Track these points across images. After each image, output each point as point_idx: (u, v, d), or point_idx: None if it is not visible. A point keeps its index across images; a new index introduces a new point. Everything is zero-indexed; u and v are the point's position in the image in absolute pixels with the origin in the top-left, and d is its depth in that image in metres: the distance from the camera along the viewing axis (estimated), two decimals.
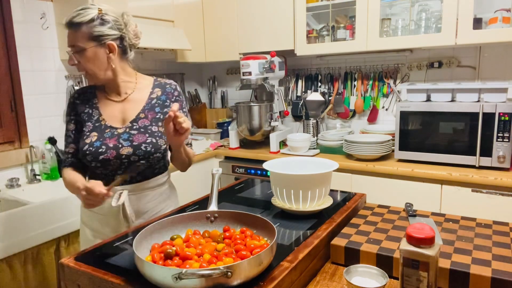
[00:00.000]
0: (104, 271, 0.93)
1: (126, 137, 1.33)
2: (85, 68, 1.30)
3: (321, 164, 1.35)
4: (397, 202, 2.06)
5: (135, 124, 1.36)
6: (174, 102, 1.42)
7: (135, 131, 1.34)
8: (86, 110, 1.38)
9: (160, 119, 1.38)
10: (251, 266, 0.82)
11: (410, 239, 0.82)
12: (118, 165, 1.33)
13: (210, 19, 2.96)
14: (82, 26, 1.25)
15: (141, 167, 1.36)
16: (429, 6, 2.31)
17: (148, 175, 1.39)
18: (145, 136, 1.34)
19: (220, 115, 3.39)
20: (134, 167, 1.34)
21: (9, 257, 1.70)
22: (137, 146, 1.32)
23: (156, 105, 1.40)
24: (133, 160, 1.32)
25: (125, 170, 1.34)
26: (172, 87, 1.45)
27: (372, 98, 2.74)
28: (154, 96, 1.42)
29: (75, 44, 1.26)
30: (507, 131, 1.91)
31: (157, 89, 1.44)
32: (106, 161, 1.31)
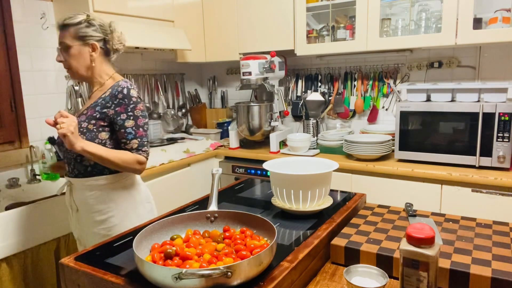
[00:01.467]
0: (104, 271, 0.93)
1: None
2: (69, 65, 1.44)
3: (321, 164, 1.35)
4: (397, 202, 2.06)
5: (79, 119, 1.45)
6: (116, 105, 1.41)
7: (79, 124, 1.44)
8: None
9: (95, 117, 1.42)
10: (251, 266, 0.82)
11: (410, 239, 0.82)
12: (64, 152, 1.49)
13: (210, 19, 2.96)
14: (70, 27, 1.42)
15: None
16: (429, 6, 2.31)
17: (83, 172, 1.46)
18: (80, 131, 1.42)
19: (220, 115, 3.39)
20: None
21: (9, 257, 1.70)
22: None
23: (99, 104, 1.44)
24: (68, 151, 1.44)
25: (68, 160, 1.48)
26: (118, 89, 1.42)
27: (372, 98, 2.74)
28: (103, 96, 1.45)
29: (63, 41, 1.42)
30: (507, 131, 1.91)
31: (109, 90, 1.45)
32: (59, 145, 1.52)
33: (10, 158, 2.18)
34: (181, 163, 2.51)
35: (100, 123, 1.42)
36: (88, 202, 1.47)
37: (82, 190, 1.47)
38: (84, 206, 1.48)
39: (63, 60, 1.45)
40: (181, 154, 2.57)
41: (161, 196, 2.39)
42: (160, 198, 2.38)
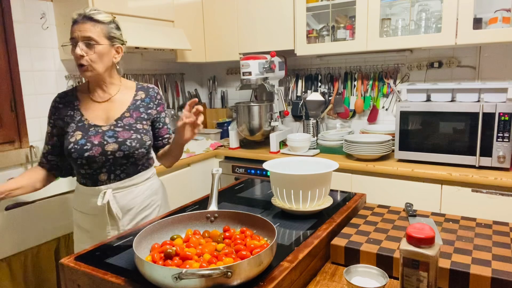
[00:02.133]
0: (104, 271, 0.93)
1: (111, 134, 1.40)
2: (89, 61, 1.35)
3: (321, 164, 1.35)
4: (397, 202, 2.06)
5: (119, 122, 1.43)
6: (157, 105, 1.53)
7: (119, 128, 1.42)
8: (68, 113, 1.44)
9: (144, 118, 1.48)
10: (251, 266, 0.82)
11: (410, 239, 0.82)
12: (103, 162, 1.39)
13: (210, 19, 2.96)
14: (101, 24, 1.36)
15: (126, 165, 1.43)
16: (429, 6, 2.31)
17: (131, 172, 1.45)
18: (129, 133, 1.42)
19: (220, 115, 3.39)
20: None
21: (9, 257, 1.70)
22: (122, 142, 1.39)
23: (140, 106, 1.49)
24: (118, 156, 1.39)
25: (110, 167, 1.40)
26: (155, 91, 1.54)
27: (372, 98, 2.74)
28: (138, 98, 1.50)
29: (91, 36, 1.34)
30: (507, 131, 1.91)
31: (141, 92, 1.52)
32: (91, 158, 1.37)
33: (10, 158, 2.18)
34: (181, 163, 2.51)
35: (148, 123, 1.49)
36: (136, 201, 1.46)
37: (128, 192, 1.44)
38: (129, 208, 1.45)
39: (84, 55, 1.34)
40: None
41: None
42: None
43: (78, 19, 1.34)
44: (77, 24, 1.34)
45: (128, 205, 1.44)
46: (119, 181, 1.42)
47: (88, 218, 1.45)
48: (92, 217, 1.44)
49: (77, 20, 1.34)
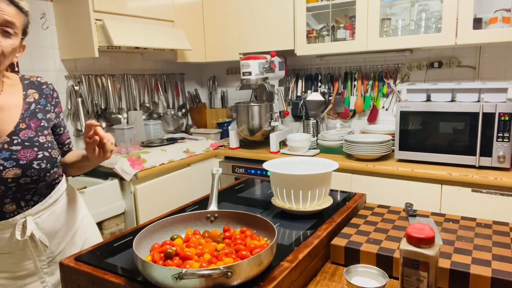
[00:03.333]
0: (104, 271, 0.93)
1: (7, 155, 1.06)
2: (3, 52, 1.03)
3: (321, 164, 1.35)
4: (397, 202, 2.06)
5: (15, 138, 1.09)
6: (54, 106, 1.24)
7: (17, 146, 1.08)
8: None
9: (45, 127, 1.17)
10: (251, 266, 0.82)
11: (410, 239, 0.82)
12: (2, 192, 1.07)
13: (210, 19, 2.96)
14: (23, 14, 1.09)
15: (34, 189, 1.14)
16: (429, 6, 2.31)
17: (46, 192, 1.18)
18: (33, 151, 1.10)
19: (220, 115, 3.39)
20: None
21: None
22: (26, 165, 1.08)
23: (37, 111, 1.17)
24: (23, 183, 1.09)
25: (15, 195, 1.10)
26: (50, 88, 1.24)
27: (372, 98, 2.74)
28: (31, 100, 1.17)
29: (14, 23, 1.04)
30: (507, 131, 1.91)
31: (32, 91, 1.19)
32: None
33: None
34: (181, 163, 2.51)
35: (49, 131, 1.19)
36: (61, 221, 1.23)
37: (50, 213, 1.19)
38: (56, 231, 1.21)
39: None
40: (181, 154, 2.57)
41: (161, 196, 2.40)
42: (160, 198, 2.39)
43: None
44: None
45: (54, 228, 1.19)
46: (35, 205, 1.14)
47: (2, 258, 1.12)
48: (6, 256, 1.12)
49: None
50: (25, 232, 1.11)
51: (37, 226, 1.14)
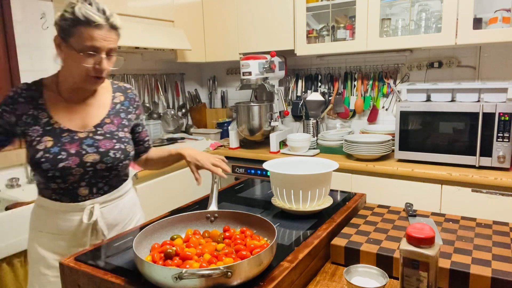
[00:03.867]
0: (104, 271, 0.93)
1: (91, 142, 1.22)
2: (107, 72, 1.19)
3: (321, 164, 1.35)
4: (397, 202, 2.06)
5: (99, 129, 1.26)
6: (136, 108, 1.39)
7: (100, 136, 1.25)
8: (30, 112, 1.20)
9: (125, 125, 1.33)
10: (251, 266, 0.82)
11: (410, 239, 0.82)
12: (81, 174, 1.20)
13: (210, 19, 2.96)
14: (118, 30, 1.18)
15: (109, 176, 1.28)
16: (429, 6, 2.31)
17: (115, 184, 1.31)
18: (112, 142, 1.26)
19: (220, 115, 3.39)
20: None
21: (9, 257, 1.70)
22: (104, 152, 1.23)
23: (121, 111, 1.34)
24: (99, 169, 1.23)
25: (90, 180, 1.23)
26: (133, 93, 1.41)
27: (372, 98, 2.74)
28: (117, 101, 1.34)
29: (114, 48, 1.17)
30: (507, 131, 1.91)
31: (118, 94, 1.36)
32: (66, 169, 1.18)
33: (10, 158, 2.18)
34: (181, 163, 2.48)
35: (129, 130, 1.35)
36: (122, 216, 1.33)
37: (113, 206, 1.30)
38: (115, 224, 1.31)
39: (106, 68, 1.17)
40: None
41: (161, 196, 2.40)
42: (160, 198, 2.39)
43: (102, 25, 1.12)
44: (101, 30, 1.12)
45: (115, 221, 1.30)
46: (104, 195, 1.27)
47: (60, 241, 1.25)
48: (68, 238, 1.24)
49: (100, 25, 1.11)
50: (91, 218, 1.23)
51: (101, 215, 1.26)
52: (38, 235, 1.27)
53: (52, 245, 1.25)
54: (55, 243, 1.25)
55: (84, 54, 1.12)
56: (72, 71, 1.18)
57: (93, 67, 1.15)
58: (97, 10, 1.12)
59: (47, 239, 1.25)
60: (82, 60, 1.13)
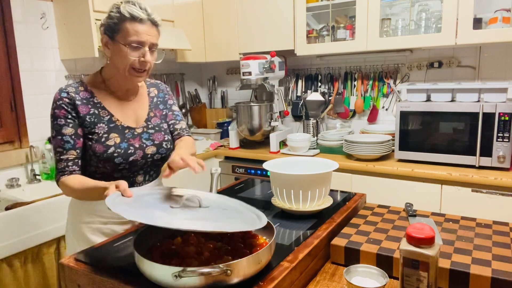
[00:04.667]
0: (104, 271, 0.93)
1: (147, 136, 1.36)
2: (150, 66, 1.27)
3: (321, 164, 1.35)
4: (397, 202, 2.06)
5: (149, 123, 1.38)
6: (169, 98, 1.51)
7: (152, 130, 1.38)
8: (91, 111, 1.28)
9: (165, 115, 1.46)
10: (250, 264, 0.82)
11: (410, 239, 0.82)
12: (142, 165, 1.35)
13: (210, 19, 2.96)
14: (158, 27, 1.30)
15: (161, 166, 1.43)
16: (429, 6, 2.31)
17: (159, 171, 1.46)
18: (162, 135, 1.39)
19: (220, 115, 3.39)
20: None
21: (9, 257, 1.70)
22: (159, 144, 1.37)
23: (158, 103, 1.46)
24: (156, 159, 1.37)
25: (146, 169, 1.37)
26: (163, 85, 1.53)
27: (372, 98, 2.74)
28: (153, 95, 1.46)
29: (156, 43, 1.28)
30: (507, 131, 1.91)
31: (152, 88, 1.47)
32: (134, 162, 1.31)
33: (10, 158, 2.18)
34: None
35: (166, 119, 1.46)
36: None
37: None
38: None
39: (150, 61, 1.26)
40: None
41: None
42: None
43: (145, 20, 1.24)
44: (143, 24, 1.23)
45: None
46: (152, 181, 1.41)
47: (111, 225, 1.31)
48: (119, 222, 1.31)
49: (143, 21, 1.23)
50: None
51: None
52: (88, 222, 1.31)
53: (105, 230, 1.31)
54: (108, 228, 1.31)
55: (130, 48, 1.22)
56: (118, 67, 1.26)
57: (138, 60, 1.24)
58: (140, 8, 1.24)
59: (100, 224, 1.31)
60: (128, 53, 1.22)
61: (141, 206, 0.94)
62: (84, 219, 1.32)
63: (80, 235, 1.33)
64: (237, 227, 0.87)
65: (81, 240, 1.32)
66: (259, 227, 0.89)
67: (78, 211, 1.34)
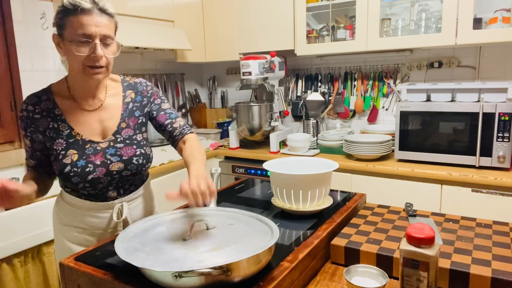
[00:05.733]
0: (104, 271, 0.93)
1: (113, 151, 1.23)
2: (107, 62, 1.14)
3: (321, 164, 1.35)
4: (397, 202, 2.06)
5: (118, 136, 1.25)
6: (149, 96, 1.33)
7: (120, 144, 1.24)
8: (50, 125, 1.19)
9: (143, 123, 1.31)
10: (250, 264, 0.82)
11: (410, 239, 0.82)
12: (109, 181, 1.24)
13: (210, 19, 2.96)
14: (113, 18, 1.15)
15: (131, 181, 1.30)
16: (429, 6, 2.31)
17: (139, 183, 1.35)
18: (133, 149, 1.25)
19: (220, 115, 3.39)
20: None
21: (9, 257, 1.70)
22: (128, 160, 1.24)
23: (134, 109, 1.30)
24: (125, 175, 1.25)
25: (117, 184, 1.26)
26: (143, 85, 1.35)
27: (372, 98, 2.74)
28: (128, 100, 1.30)
29: (109, 35, 1.12)
30: (507, 131, 1.91)
31: (129, 92, 1.31)
32: (95, 180, 1.20)
33: (10, 158, 2.18)
34: (181, 163, 2.51)
35: (145, 128, 1.32)
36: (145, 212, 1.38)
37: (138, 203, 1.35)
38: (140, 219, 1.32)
39: (102, 55, 1.11)
40: None
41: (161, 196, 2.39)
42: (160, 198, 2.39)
43: (91, 10, 1.08)
44: (88, 15, 1.08)
45: (138, 217, 1.34)
46: (130, 194, 1.31)
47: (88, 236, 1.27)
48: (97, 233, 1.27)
49: (88, 11, 1.07)
50: (121, 215, 1.27)
51: (129, 211, 1.29)
52: (66, 229, 1.28)
53: (81, 239, 1.27)
54: (84, 237, 1.27)
55: (77, 43, 1.08)
56: (73, 67, 1.15)
57: (88, 56, 1.10)
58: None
59: (76, 232, 1.27)
60: (76, 50, 1.09)
61: (156, 248, 0.90)
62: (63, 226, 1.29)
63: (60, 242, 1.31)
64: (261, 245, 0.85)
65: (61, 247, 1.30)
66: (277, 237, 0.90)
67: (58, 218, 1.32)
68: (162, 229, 1.02)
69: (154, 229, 1.02)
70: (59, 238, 1.32)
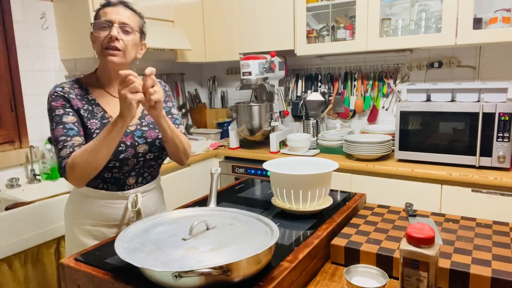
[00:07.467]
0: (104, 271, 0.93)
1: (139, 134, 1.31)
2: (124, 46, 1.23)
3: (321, 164, 1.35)
4: (397, 202, 2.06)
5: (143, 121, 1.34)
6: (169, 99, 1.45)
7: (145, 127, 1.33)
8: (85, 107, 1.26)
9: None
10: (250, 264, 0.82)
11: (410, 239, 0.82)
12: (133, 164, 1.29)
13: (210, 19, 2.96)
14: (137, 16, 1.29)
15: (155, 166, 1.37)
16: (429, 6, 2.31)
17: (155, 175, 1.40)
18: (156, 132, 1.33)
19: (220, 115, 3.39)
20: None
21: (9, 257, 1.70)
22: (151, 142, 1.32)
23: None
24: (148, 158, 1.32)
25: (139, 170, 1.32)
26: (162, 84, 1.46)
27: (372, 98, 2.74)
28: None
29: (129, 24, 1.24)
30: (507, 131, 1.91)
31: None
32: (125, 160, 1.26)
33: (10, 158, 2.18)
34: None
35: None
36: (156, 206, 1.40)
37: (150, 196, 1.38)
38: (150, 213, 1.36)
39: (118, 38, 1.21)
40: None
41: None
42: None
43: (115, 2, 1.24)
44: (113, 7, 1.23)
45: (151, 211, 1.37)
46: (146, 184, 1.35)
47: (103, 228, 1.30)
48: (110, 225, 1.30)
49: (113, 3, 1.24)
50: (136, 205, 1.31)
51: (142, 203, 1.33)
52: (79, 224, 1.31)
53: (96, 233, 1.30)
54: (99, 231, 1.30)
55: (99, 27, 1.21)
56: (97, 53, 1.25)
57: (108, 37, 1.20)
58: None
59: (90, 226, 1.30)
60: (97, 33, 1.21)
61: (156, 248, 0.90)
62: (76, 220, 1.32)
63: (73, 236, 1.33)
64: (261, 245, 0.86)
65: (74, 242, 1.33)
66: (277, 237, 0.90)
67: (71, 212, 1.34)
68: (162, 229, 1.02)
69: (154, 229, 1.02)
70: (72, 234, 1.34)
